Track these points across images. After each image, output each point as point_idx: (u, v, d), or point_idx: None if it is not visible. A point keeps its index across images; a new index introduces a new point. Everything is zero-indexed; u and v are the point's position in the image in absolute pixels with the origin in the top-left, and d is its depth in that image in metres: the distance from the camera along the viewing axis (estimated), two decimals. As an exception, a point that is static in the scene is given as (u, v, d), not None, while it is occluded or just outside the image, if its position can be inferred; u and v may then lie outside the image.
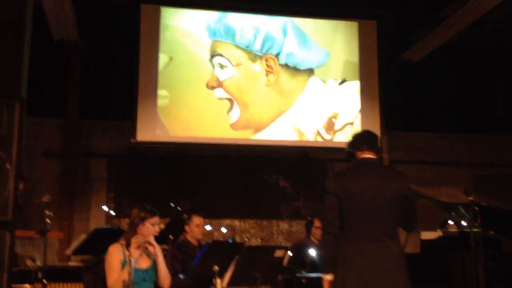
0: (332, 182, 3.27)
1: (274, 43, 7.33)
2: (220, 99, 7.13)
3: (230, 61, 7.19)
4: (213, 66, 7.14)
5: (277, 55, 7.32)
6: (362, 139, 3.38)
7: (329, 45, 7.52)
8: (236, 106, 7.15)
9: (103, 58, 7.28)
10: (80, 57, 7.40)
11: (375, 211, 3.14)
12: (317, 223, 5.66)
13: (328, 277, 3.17)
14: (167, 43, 7.10)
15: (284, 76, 7.33)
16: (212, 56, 7.16)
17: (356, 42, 7.60)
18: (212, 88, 7.13)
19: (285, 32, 7.39)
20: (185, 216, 5.09)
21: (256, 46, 7.28)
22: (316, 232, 5.65)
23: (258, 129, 7.21)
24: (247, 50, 7.25)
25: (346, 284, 3.06)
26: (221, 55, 7.18)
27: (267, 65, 7.28)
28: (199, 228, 4.88)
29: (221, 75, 7.16)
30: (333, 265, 3.14)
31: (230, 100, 7.15)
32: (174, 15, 7.21)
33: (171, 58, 7.07)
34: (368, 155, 3.32)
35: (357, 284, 3.05)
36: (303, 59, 7.40)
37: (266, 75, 7.27)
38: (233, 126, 7.15)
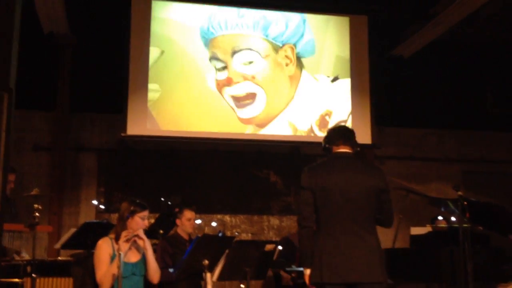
0: (305, 177, 3.26)
1: (292, 32, 7.34)
2: (234, 96, 7.06)
3: (259, 54, 7.18)
4: (227, 62, 7.09)
5: (295, 45, 7.34)
6: (337, 134, 3.39)
7: (321, 40, 7.52)
8: (261, 100, 7.12)
9: (94, 51, 7.21)
10: (70, 50, 7.32)
11: (349, 204, 3.15)
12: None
13: (308, 271, 3.19)
14: (158, 37, 7.05)
15: (293, 68, 7.34)
16: (234, 52, 7.11)
17: (347, 38, 7.60)
18: (226, 85, 7.06)
19: (304, 22, 7.44)
20: (176, 210, 5.08)
21: (278, 37, 7.29)
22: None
23: (262, 125, 7.16)
24: (270, 41, 7.23)
25: (323, 277, 3.08)
26: (245, 49, 7.14)
27: (285, 56, 7.28)
28: (190, 222, 4.87)
29: (248, 69, 7.12)
30: (311, 259, 3.15)
31: (254, 94, 7.11)
32: (165, 8, 7.16)
33: (162, 52, 7.03)
34: (343, 149, 3.33)
35: (334, 277, 3.07)
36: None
37: (286, 65, 7.28)
38: (248, 120, 7.11)
